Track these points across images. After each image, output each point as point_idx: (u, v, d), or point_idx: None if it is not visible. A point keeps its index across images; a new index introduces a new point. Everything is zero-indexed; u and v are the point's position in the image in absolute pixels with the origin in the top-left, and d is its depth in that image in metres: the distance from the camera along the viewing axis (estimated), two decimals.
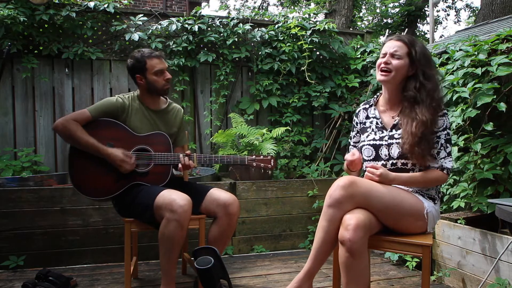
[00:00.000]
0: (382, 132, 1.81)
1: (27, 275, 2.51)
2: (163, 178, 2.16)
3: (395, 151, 1.74)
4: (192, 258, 1.93)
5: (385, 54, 1.76)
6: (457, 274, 2.31)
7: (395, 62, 1.73)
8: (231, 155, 2.35)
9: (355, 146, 1.96)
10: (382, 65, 1.75)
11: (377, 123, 1.84)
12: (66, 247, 2.73)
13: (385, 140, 1.77)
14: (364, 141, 1.85)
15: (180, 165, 2.13)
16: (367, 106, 1.93)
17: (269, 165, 2.23)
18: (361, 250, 1.52)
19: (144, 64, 2.16)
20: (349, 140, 2.03)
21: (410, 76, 1.74)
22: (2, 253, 2.62)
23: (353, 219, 1.54)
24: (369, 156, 1.82)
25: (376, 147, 1.79)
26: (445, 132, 1.72)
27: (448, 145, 1.72)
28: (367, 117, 1.89)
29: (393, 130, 1.78)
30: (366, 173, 1.75)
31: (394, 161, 1.75)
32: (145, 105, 2.25)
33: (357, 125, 1.95)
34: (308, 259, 1.71)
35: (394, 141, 1.75)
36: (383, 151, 1.77)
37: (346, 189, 1.60)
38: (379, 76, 1.77)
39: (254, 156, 2.24)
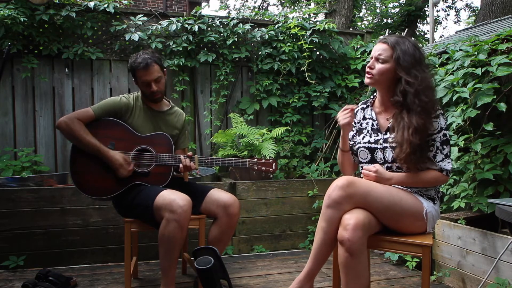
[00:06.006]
0: (377, 135, 1.79)
1: (27, 275, 2.51)
2: (163, 179, 2.16)
3: (389, 154, 1.73)
4: (192, 258, 1.93)
5: (372, 58, 1.76)
6: (457, 274, 2.31)
7: (378, 66, 1.72)
8: (233, 158, 2.34)
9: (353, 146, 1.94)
10: (367, 69, 1.76)
11: (372, 125, 1.83)
12: (66, 247, 2.73)
13: (380, 144, 1.76)
14: (360, 143, 1.84)
15: (181, 166, 2.13)
16: (364, 106, 1.91)
17: (270, 169, 2.23)
18: (360, 250, 1.52)
19: (134, 73, 2.18)
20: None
21: (398, 79, 1.70)
22: (2, 253, 2.62)
23: (352, 219, 1.54)
24: (365, 159, 1.82)
25: (372, 150, 1.79)
26: (441, 134, 1.68)
27: (444, 147, 1.69)
28: (364, 118, 1.88)
29: (387, 133, 1.76)
30: (362, 171, 1.75)
31: (389, 165, 1.75)
32: (148, 106, 2.25)
33: (355, 124, 1.94)
34: (308, 260, 1.71)
35: (388, 144, 1.73)
36: (378, 155, 1.77)
37: (345, 189, 1.59)
38: (365, 79, 1.78)
39: (255, 160, 2.23)
